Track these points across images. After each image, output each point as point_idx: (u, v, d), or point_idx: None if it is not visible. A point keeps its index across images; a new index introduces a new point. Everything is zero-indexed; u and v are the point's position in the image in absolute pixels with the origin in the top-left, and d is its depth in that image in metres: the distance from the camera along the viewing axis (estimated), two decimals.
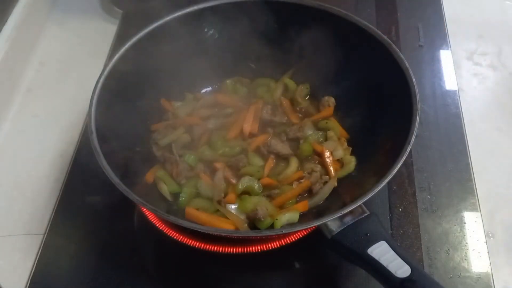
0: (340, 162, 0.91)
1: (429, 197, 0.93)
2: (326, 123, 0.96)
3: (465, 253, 0.86)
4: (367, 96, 0.92)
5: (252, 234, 0.81)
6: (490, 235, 0.89)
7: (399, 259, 0.68)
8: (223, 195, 0.86)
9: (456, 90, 1.11)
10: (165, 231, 0.83)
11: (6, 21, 1.13)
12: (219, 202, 0.85)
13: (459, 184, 0.95)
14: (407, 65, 0.83)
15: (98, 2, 1.31)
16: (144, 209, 0.84)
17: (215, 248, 0.80)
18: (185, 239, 0.81)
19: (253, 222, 0.83)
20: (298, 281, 0.85)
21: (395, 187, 0.94)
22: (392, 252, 0.69)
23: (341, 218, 0.74)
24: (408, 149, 0.74)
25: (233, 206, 0.85)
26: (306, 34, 0.96)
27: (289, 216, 0.82)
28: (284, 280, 0.85)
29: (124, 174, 0.77)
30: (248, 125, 0.95)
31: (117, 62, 0.87)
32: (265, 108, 0.98)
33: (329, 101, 0.99)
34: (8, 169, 1.00)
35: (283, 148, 0.92)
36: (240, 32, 0.99)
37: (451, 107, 1.07)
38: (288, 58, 1.01)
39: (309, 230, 0.81)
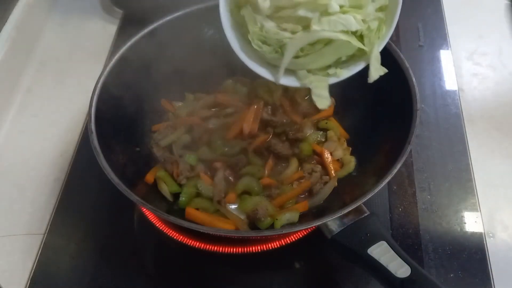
0: (340, 162, 0.91)
1: (429, 197, 0.93)
2: (326, 123, 0.96)
3: (465, 253, 0.86)
4: (367, 96, 0.92)
5: (252, 234, 0.81)
6: (490, 235, 0.89)
7: (399, 259, 0.68)
8: (223, 195, 0.86)
9: (456, 90, 1.11)
10: (165, 231, 0.83)
11: (6, 21, 1.13)
12: (219, 202, 0.85)
13: (459, 184, 0.95)
14: (407, 65, 0.83)
15: (98, 2, 1.31)
16: (144, 209, 0.84)
17: (215, 248, 0.81)
18: (185, 239, 0.82)
19: (253, 222, 0.83)
20: (298, 281, 0.85)
21: (395, 187, 0.94)
22: (392, 252, 0.69)
23: (341, 218, 0.74)
24: (408, 149, 0.74)
25: (233, 206, 0.85)
26: None
27: (289, 216, 0.82)
28: (284, 280, 0.85)
29: (124, 174, 0.77)
30: (248, 125, 0.94)
31: (117, 62, 0.87)
32: (265, 108, 0.98)
33: None
34: (8, 169, 1.00)
35: (283, 148, 0.92)
36: None
37: (451, 107, 1.07)
38: None
39: (309, 230, 0.81)
